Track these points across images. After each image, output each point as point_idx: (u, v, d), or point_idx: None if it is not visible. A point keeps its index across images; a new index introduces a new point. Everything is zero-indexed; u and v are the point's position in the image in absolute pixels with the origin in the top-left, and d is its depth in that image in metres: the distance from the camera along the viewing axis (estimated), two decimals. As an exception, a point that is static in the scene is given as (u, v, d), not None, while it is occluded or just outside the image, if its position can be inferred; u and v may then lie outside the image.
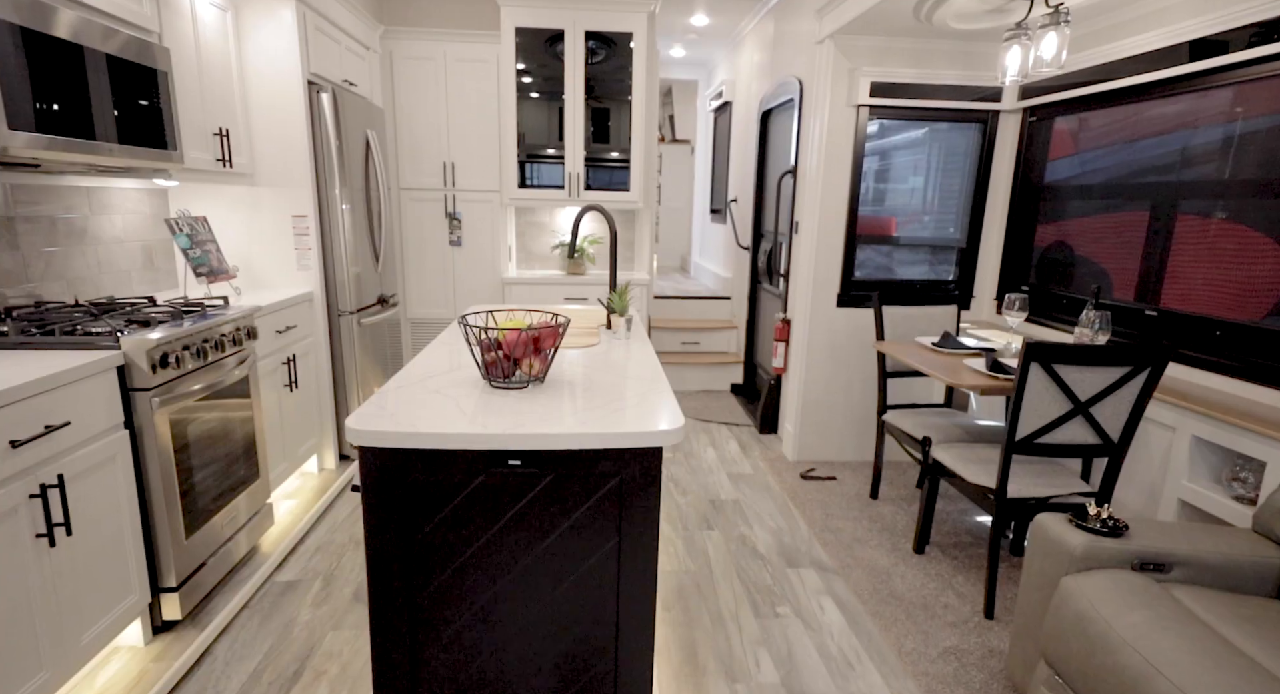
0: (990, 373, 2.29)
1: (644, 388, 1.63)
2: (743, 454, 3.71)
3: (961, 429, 2.68)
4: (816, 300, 3.43)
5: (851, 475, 3.42)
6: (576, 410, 1.44)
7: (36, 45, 1.69)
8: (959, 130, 3.33)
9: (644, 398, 1.55)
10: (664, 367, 4.83)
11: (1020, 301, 2.67)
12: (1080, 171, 2.89)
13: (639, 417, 1.41)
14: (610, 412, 1.44)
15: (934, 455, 2.50)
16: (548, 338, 1.62)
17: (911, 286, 3.49)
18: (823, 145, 3.26)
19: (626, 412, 1.44)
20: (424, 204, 4.20)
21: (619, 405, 1.49)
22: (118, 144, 1.98)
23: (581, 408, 1.46)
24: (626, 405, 1.49)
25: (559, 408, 1.46)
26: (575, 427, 1.34)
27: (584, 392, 1.59)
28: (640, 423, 1.37)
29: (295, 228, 2.97)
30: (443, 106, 4.07)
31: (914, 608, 2.28)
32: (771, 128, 4.39)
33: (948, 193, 3.41)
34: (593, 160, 4.18)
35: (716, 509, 3.02)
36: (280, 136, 2.89)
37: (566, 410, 1.44)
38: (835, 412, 3.56)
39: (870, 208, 3.41)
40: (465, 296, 4.33)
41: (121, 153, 1.99)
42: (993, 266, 3.43)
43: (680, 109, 7.79)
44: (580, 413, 1.43)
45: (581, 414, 1.42)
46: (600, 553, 1.43)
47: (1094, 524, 1.66)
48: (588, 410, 1.44)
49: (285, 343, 2.76)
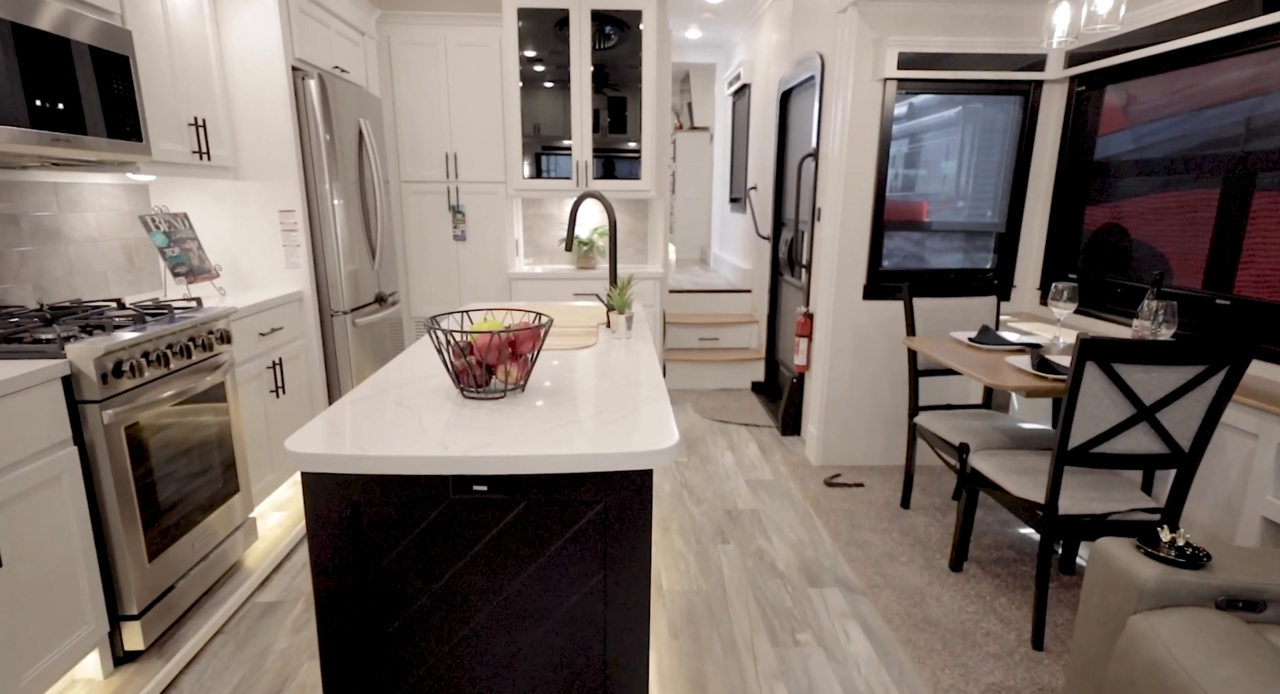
0: (1037, 372, 2.04)
1: (638, 397, 1.42)
2: (763, 458, 3.48)
3: (1003, 433, 2.43)
4: (841, 293, 3.18)
5: (880, 482, 3.17)
6: (556, 425, 1.24)
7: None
8: (996, 104, 3.04)
9: (637, 409, 1.34)
10: (681, 364, 4.62)
11: (1069, 291, 2.40)
12: (1135, 146, 2.60)
13: (628, 433, 1.20)
14: (596, 426, 1.24)
15: (973, 464, 2.25)
16: (526, 341, 1.42)
17: (945, 277, 3.22)
18: (846, 124, 3.01)
19: (614, 426, 1.24)
20: (426, 197, 4.03)
21: (607, 418, 1.28)
22: (74, 134, 1.82)
23: (562, 422, 1.26)
24: (615, 418, 1.28)
25: (536, 422, 1.26)
26: (549, 446, 1.14)
27: (569, 401, 1.39)
28: (628, 440, 1.16)
29: (283, 224, 2.82)
30: (444, 94, 3.89)
31: (951, 636, 2.04)
32: (792, 109, 4.13)
33: (984, 174, 3.13)
34: (603, 150, 3.97)
35: (733, 520, 2.80)
36: (264, 127, 2.73)
37: (544, 425, 1.24)
38: (862, 412, 3.31)
39: (899, 191, 3.15)
40: (471, 293, 4.16)
41: (79, 144, 1.83)
42: (1035, 253, 3.14)
43: (698, 95, 7.53)
44: (560, 428, 1.22)
45: (561, 430, 1.21)
46: (583, 590, 1.23)
47: (1167, 552, 1.41)
48: (569, 425, 1.24)
49: (271, 346, 2.60)
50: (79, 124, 1.84)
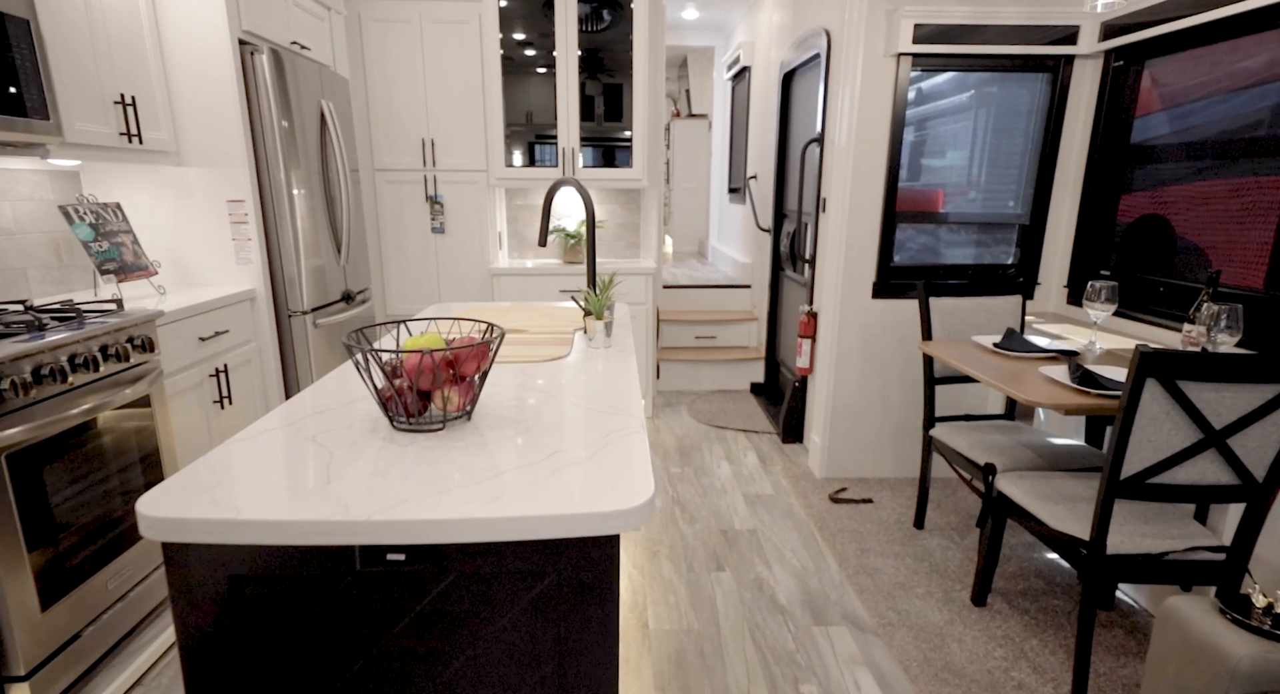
0: (1079, 387, 1.77)
1: (609, 428, 1.16)
2: (762, 469, 3.22)
3: (1031, 451, 2.16)
4: (848, 290, 2.91)
5: (890, 496, 2.91)
6: (497, 472, 0.97)
7: None
8: (1022, 83, 2.76)
9: (604, 447, 1.07)
10: (676, 365, 4.35)
11: (1108, 291, 2.13)
12: (1180, 127, 2.32)
13: (590, 483, 0.93)
14: (549, 472, 0.97)
15: (1001, 488, 1.98)
16: (470, 361, 1.15)
17: (962, 273, 2.94)
18: (855, 106, 2.72)
19: (573, 472, 0.97)
20: (402, 187, 3.75)
21: (566, 460, 1.01)
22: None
23: (508, 465, 0.99)
24: (577, 460, 1.01)
25: (475, 467, 0.99)
26: (484, 505, 0.87)
27: (522, 435, 1.12)
28: (589, 495, 0.90)
29: (231, 215, 2.54)
30: (420, 76, 3.60)
31: (978, 689, 1.78)
32: (795, 91, 3.84)
33: (1006, 159, 2.85)
34: (597, 139, 3.69)
35: (729, 543, 2.54)
36: (208, 107, 2.45)
37: (485, 471, 0.97)
38: (870, 421, 3.04)
39: (911, 180, 2.87)
40: (450, 290, 3.89)
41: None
42: (1062, 247, 2.87)
43: (696, 81, 7.22)
44: (503, 476, 0.96)
45: (504, 479, 0.95)
46: (531, 682, 0.97)
47: (1262, 621, 1.15)
48: (516, 472, 0.97)
49: (213, 351, 2.33)
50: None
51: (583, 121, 3.67)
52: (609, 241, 4.10)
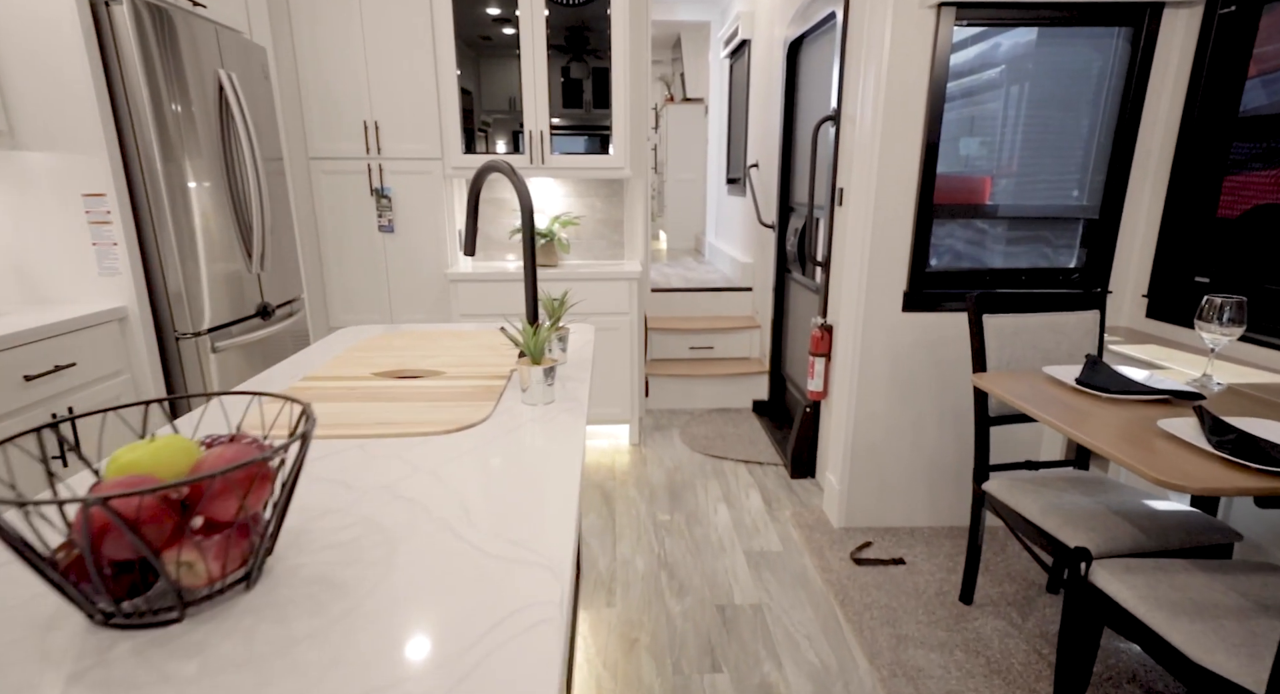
0: (1234, 459, 1.22)
1: (503, 607, 0.61)
2: (768, 514, 2.68)
3: (1127, 521, 1.62)
4: (872, 301, 2.36)
5: (925, 554, 2.37)
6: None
7: None
8: (1092, 41, 2.20)
9: (477, 669, 0.53)
10: (666, 380, 3.80)
11: (1232, 308, 1.58)
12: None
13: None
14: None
15: (1101, 585, 1.44)
16: (223, 498, 0.61)
17: (1013, 279, 2.39)
18: (882, 74, 2.17)
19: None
20: (342, 178, 3.19)
21: (416, 690, 0.47)
22: None
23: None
24: (431, 689, 0.47)
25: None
26: None
27: (340, 625, 0.58)
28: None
29: (90, 213, 2.00)
30: (359, 45, 3.04)
31: None
32: (803, 63, 3.28)
33: (1069, 139, 2.30)
34: (577, 127, 3.14)
35: (728, 626, 2.00)
36: (50, 76, 1.90)
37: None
38: (898, 459, 2.50)
39: (950, 164, 2.32)
40: (403, 300, 3.34)
41: None
42: (1140, 246, 2.32)
43: (691, 63, 6.65)
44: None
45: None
46: None
47: None
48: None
49: (48, 394, 1.79)
50: None
51: (566, 108, 3.13)
52: (588, 241, 3.55)
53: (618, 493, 2.86)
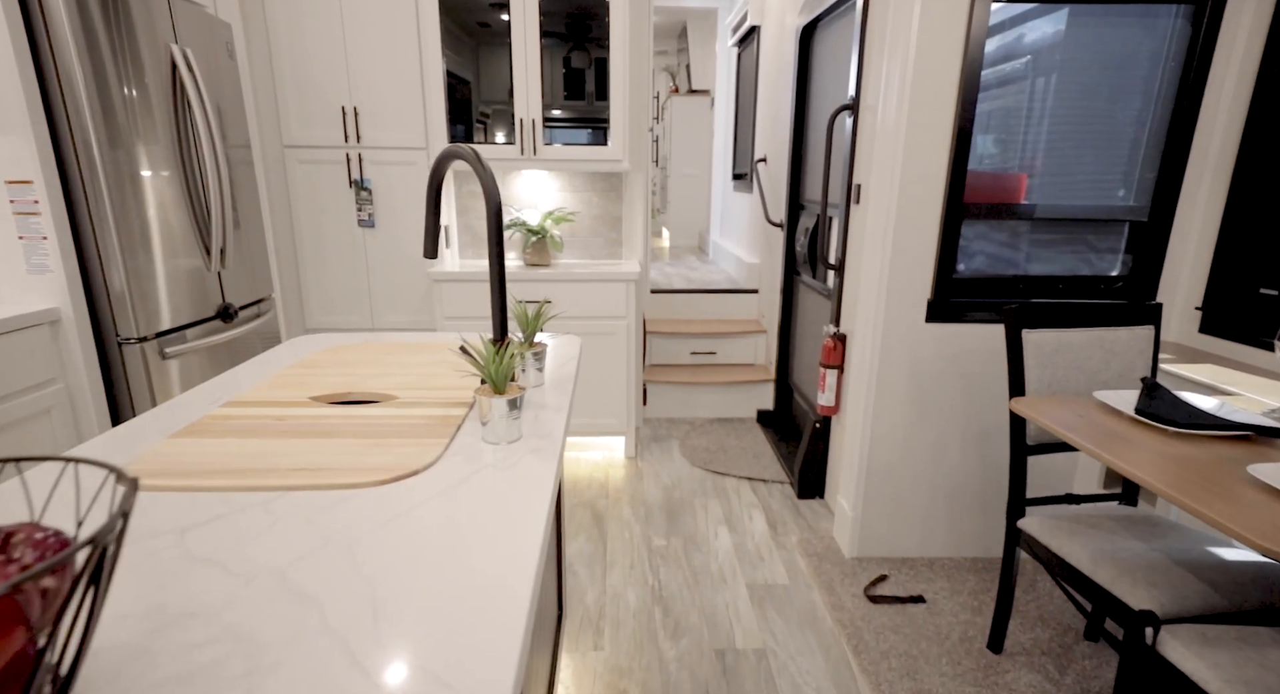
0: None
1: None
2: (773, 540, 2.45)
3: (1192, 573, 1.39)
4: (893, 309, 2.13)
5: (948, 591, 2.15)
6: None
7: None
8: (1143, 21, 1.96)
9: None
10: (666, 387, 3.58)
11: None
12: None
13: None
14: None
15: (1176, 661, 1.21)
16: None
17: (1050, 288, 2.16)
18: (908, 58, 1.94)
19: None
20: (319, 168, 2.97)
21: None
22: None
23: None
24: None
25: None
26: None
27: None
28: None
29: (14, 202, 1.78)
30: (338, 24, 2.81)
31: None
32: (817, 49, 3.05)
33: (1113, 130, 2.06)
34: (576, 119, 2.91)
35: (728, 675, 1.78)
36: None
37: None
38: (918, 484, 2.28)
39: (979, 160, 2.09)
40: (385, 300, 3.12)
41: None
42: (1194, 253, 2.08)
43: (698, 53, 6.40)
44: None
45: None
46: None
47: None
48: None
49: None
50: None
51: (568, 100, 2.90)
52: (584, 239, 3.32)
53: (610, 513, 2.64)
